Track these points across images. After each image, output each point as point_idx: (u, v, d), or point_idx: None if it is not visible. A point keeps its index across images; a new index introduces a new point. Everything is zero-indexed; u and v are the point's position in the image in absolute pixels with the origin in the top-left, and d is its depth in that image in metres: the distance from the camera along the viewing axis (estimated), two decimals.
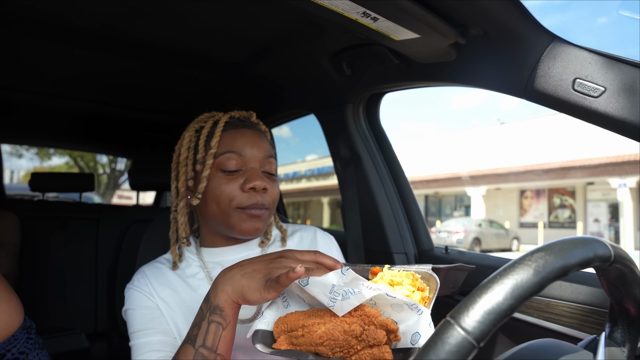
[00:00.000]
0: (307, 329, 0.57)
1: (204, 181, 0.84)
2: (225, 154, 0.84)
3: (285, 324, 0.60)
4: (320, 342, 0.55)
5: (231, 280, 0.64)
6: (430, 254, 1.39)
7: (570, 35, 0.82)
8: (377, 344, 0.55)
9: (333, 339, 0.55)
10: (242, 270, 0.64)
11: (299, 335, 0.58)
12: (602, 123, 0.80)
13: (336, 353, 0.55)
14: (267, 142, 0.91)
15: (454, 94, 52.50)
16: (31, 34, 1.30)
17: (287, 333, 0.59)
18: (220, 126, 0.87)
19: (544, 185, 16.34)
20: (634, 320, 0.46)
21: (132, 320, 0.82)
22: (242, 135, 0.87)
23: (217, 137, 0.85)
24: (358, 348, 0.55)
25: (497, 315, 0.35)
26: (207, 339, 0.64)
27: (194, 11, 1.13)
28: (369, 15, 0.84)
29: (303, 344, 0.57)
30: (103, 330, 1.99)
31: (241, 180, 0.84)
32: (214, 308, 0.65)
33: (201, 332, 0.65)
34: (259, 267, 0.64)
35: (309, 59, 1.34)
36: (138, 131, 2.73)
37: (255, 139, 0.88)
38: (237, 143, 0.86)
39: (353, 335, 0.55)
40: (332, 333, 0.55)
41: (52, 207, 2.10)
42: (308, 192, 20.59)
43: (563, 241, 0.40)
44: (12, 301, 0.81)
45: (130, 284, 0.87)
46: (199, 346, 0.64)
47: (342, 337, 0.55)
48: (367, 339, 0.55)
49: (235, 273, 0.64)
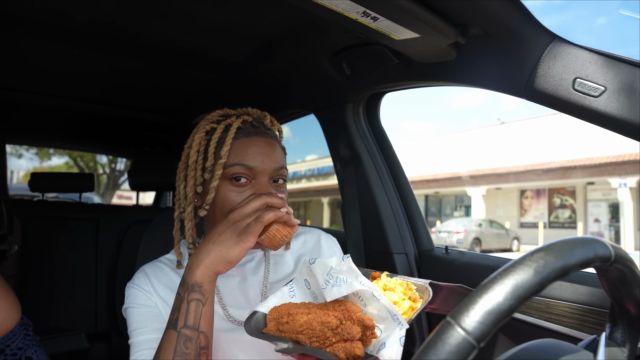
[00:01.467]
0: (292, 317, 0.61)
1: (212, 192, 0.82)
2: (235, 165, 0.81)
3: (277, 312, 0.64)
4: (301, 330, 0.59)
5: (206, 253, 0.68)
6: (431, 254, 1.39)
7: (571, 35, 0.82)
8: (351, 339, 0.58)
9: (311, 329, 0.58)
10: (211, 241, 0.69)
11: (284, 322, 0.61)
12: (602, 123, 0.79)
13: (313, 342, 0.59)
14: (279, 151, 0.88)
15: (454, 94, 52.52)
16: (31, 33, 1.30)
17: (276, 320, 0.63)
18: (231, 133, 0.83)
19: (544, 185, 16.34)
20: (634, 321, 0.46)
21: (131, 318, 0.82)
22: (254, 145, 0.83)
23: (227, 146, 0.81)
24: (333, 340, 0.58)
25: (498, 315, 0.35)
26: (188, 319, 0.67)
27: (193, 11, 1.13)
28: (369, 14, 0.84)
29: (287, 331, 0.61)
30: (103, 331, 1.99)
31: (249, 192, 0.82)
32: (192, 286, 0.68)
33: (181, 313, 0.67)
34: (224, 229, 0.69)
35: (309, 59, 1.34)
36: (138, 131, 2.73)
37: (267, 149, 0.84)
38: (249, 154, 0.82)
39: (329, 327, 0.58)
40: (310, 323, 0.59)
41: (52, 208, 2.10)
42: (308, 192, 20.61)
43: (563, 241, 0.40)
44: (10, 299, 0.83)
45: (131, 282, 0.87)
46: (180, 327, 0.67)
47: (319, 328, 0.58)
48: (342, 332, 0.58)
49: (206, 247, 0.69)
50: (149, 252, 1.16)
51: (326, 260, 0.65)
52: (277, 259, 0.95)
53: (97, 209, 2.16)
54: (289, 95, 1.69)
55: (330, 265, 0.64)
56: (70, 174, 2.53)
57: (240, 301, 0.86)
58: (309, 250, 0.98)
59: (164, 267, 0.90)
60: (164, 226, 1.22)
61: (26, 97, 1.97)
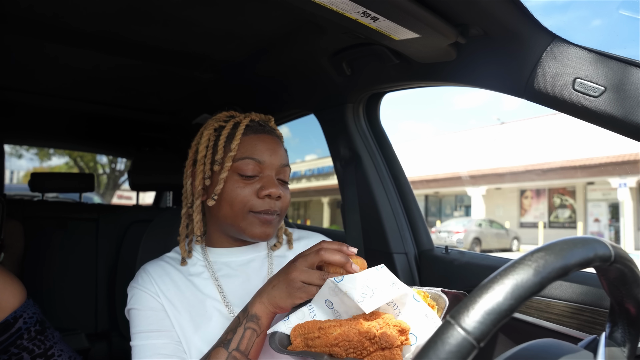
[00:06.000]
0: (324, 331, 0.60)
1: (221, 183, 0.85)
2: (245, 159, 0.85)
3: (302, 328, 0.64)
4: (335, 343, 0.58)
5: (266, 293, 0.72)
6: (431, 254, 1.39)
7: (571, 35, 0.82)
8: (389, 347, 0.57)
9: (348, 340, 0.58)
10: (272, 283, 0.73)
11: (315, 337, 0.61)
12: (602, 123, 0.79)
13: (350, 354, 0.58)
14: (283, 150, 0.92)
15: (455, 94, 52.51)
16: (31, 34, 1.30)
17: (303, 336, 0.63)
18: (241, 129, 0.87)
19: (544, 185, 16.33)
20: (634, 320, 0.46)
21: (136, 321, 0.82)
22: (262, 141, 0.88)
23: (237, 140, 0.85)
24: (371, 350, 0.57)
25: (498, 315, 0.35)
26: (241, 344, 0.71)
27: (194, 12, 1.13)
28: (369, 15, 0.84)
29: (318, 345, 0.60)
30: (103, 331, 1.99)
31: (257, 186, 0.85)
32: (252, 316, 0.72)
33: (236, 336, 0.71)
34: (283, 279, 0.71)
35: (309, 59, 1.34)
36: (138, 131, 2.73)
37: (274, 146, 0.89)
38: (257, 149, 0.86)
39: (367, 337, 0.57)
40: (347, 334, 0.58)
41: (52, 208, 2.10)
42: (308, 192, 20.61)
43: (563, 241, 0.40)
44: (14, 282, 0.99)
45: (134, 282, 0.87)
46: (232, 349, 0.70)
47: (357, 339, 0.57)
48: (379, 341, 0.57)
49: (267, 286, 0.73)
50: (149, 252, 1.16)
51: (356, 275, 0.63)
52: (280, 260, 0.96)
53: (97, 209, 2.16)
54: (288, 96, 1.69)
55: (365, 279, 0.63)
56: (70, 174, 2.53)
57: (244, 300, 0.86)
58: None
59: (167, 266, 0.90)
60: (164, 226, 1.22)
61: (26, 97, 1.97)
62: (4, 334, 0.93)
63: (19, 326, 0.95)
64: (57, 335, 1.04)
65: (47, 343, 0.99)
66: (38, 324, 0.99)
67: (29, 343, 0.96)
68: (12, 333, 0.94)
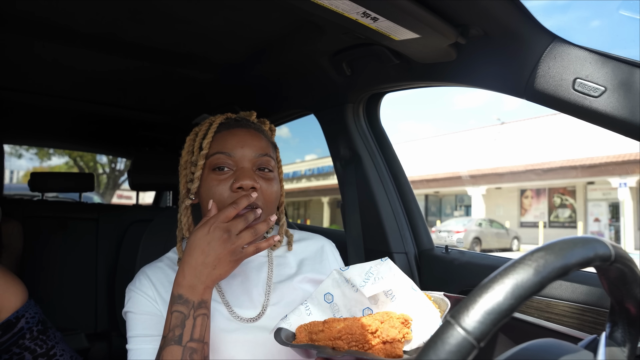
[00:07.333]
0: (328, 325, 0.63)
1: (196, 182, 0.86)
2: (215, 154, 0.85)
3: (307, 326, 0.66)
4: (339, 336, 0.60)
5: (207, 275, 0.71)
6: (431, 254, 1.39)
7: (571, 36, 0.82)
8: (391, 340, 0.59)
9: (350, 333, 0.60)
10: (206, 259, 0.71)
11: (319, 330, 0.63)
12: (603, 123, 0.79)
13: (352, 347, 0.60)
14: (263, 140, 0.89)
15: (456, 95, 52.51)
16: (32, 34, 1.30)
17: (307, 331, 0.65)
18: (213, 127, 0.88)
19: (545, 185, 16.33)
20: (634, 320, 0.46)
21: (132, 324, 0.81)
22: (233, 135, 0.87)
23: (208, 139, 0.87)
24: (372, 343, 0.59)
25: (498, 315, 0.35)
26: (194, 333, 0.70)
27: (194, 13, 1.13)
28: (369, 15, 0.84)
29: (322, 339, 0.62)
30: (103, 331, 1.99)
31: (231, 181, 0.83)
32: (200, 303, 0.71)
33: (187, 329, 0.70)
34: (221, 253, 0.71)
35: (309, 59, 1.34)
36: (138, 131, 2.73)
37: (247, 138, 0.87)
38: (228, 143, 0.86)
39: (370, 330, 0.60)
40: (350, 327, 0.61)
41: (51, 207, 2.10)
42: (308, 191, 20.59)
43: (563, 241, 0.40)
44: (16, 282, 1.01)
45: (132, 285, 0.86)
46: (186, 342, 0.69)
47: (360, 332, 0.60)
48: (381, 335, 0.59)
49: (205, 268, 0.71)
50: (149, 252, 1.16)
51: (362, 264, 0.68)
52: (280, 260, 0.95)
53: (97, 208, 2.16)
54: (289, 96, 1.69)
55: (369, 266, 0.68)
56: (70, 174, 2.53)
57: (244, 300, 0.85)
58: (311, 254, 0.98)
59: (166, 268, 0.90)
60: (164, 226, 1.22)
61: (25, 97, 1.97)
62: (6, 333, 0.94)
63: (21, 326, 0.96)
64: (58, 335, 1.05)
65: (49, 343, 1.00)
66: (40, 324, 1.00)
67: (31, 343, 0.97)
68: (15, 333, 0.95)
